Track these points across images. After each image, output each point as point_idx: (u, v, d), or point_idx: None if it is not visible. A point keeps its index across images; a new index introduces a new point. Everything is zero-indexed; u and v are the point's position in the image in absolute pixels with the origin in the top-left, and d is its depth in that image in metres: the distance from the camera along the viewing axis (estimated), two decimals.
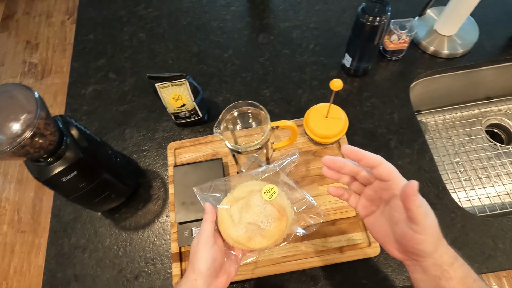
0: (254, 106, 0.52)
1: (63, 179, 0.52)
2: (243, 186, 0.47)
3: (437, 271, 0.35)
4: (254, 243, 0.44)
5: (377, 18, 0.61)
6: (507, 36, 0.79)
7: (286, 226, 0.45)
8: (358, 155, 0.37)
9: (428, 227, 0.33)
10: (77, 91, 0.81)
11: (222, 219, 0.45)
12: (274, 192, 0.45)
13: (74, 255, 0.64)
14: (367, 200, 0.40)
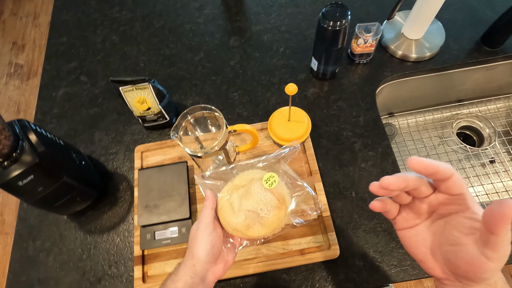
0: (209, 109, 0.52)
1: (20, 183, 0.52)
2: (244, 174, 0.48)
3: None
4: (253, 231, 0.45)
5: (338, 22, 0.62)
6: (473, 40, 0.80)
7: (284, 215, 0.46)
8: (431, 169, 0.29)
9: (505, 256, 0.27)
10: (48, 94, 0.81)
11: (222, 207, 0.45)
12: (274, 181, 0.45)
13: (38, 258, 0.64)
14: (414, 212, 0.34)
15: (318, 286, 0.58)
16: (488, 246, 0.27)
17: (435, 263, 0.32)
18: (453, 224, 0.31)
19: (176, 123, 0.52)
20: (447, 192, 0.30)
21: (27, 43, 2.14)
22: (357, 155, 0.69)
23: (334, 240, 0.59)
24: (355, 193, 0.65)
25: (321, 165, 0.68)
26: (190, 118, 0.53)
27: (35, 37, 2.15)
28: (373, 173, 0.67)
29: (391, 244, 0.60)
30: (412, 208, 0.34)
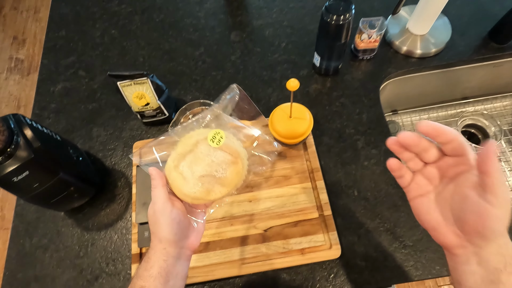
0: (208, 105, 0.51)
1: (15, 179, 0.51)
2: (185, 138, 0.43)
3: (500, 263, 0.30)
4: (214, 193, 0.42)
5: (341, 16, 0.60)
6: (480, 36, 0.78)
7: (242, 168, 0.43)
8: (439, 130, 0.32)
9: (504, 200, 0.29)
10: (46, 89, 0.80)
11: (173, 180, 0.41)
12: (221, 137, 0.41)
13: (35, 255, 0.63)
14: (425, 178, 0.36)
15: (319, 287, 0.57)
16: (486, 190, 0.30)
17: (447, 228, 0.33)
18: (460, 183, 0.33)
19: (175, 119, 0.51)
20: (454, 153, 0.33)
21: (27, 37, 2.12)
22: (360, 153, 0.67)
23: (336, 239, 0.58)
24: (358, 191, 0.64)
25: (323, 163, 0.66)
26: (188, 114, 0.51)
27: (36, 31, 2.14)
28: (376, 171, 0.65)
29: (394, 244, 0.59)
30: (424, 174, 0.36)
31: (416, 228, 0.60)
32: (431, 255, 0.58)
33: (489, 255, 0.31)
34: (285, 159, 0.66)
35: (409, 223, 0.61)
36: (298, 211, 0.61)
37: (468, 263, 0.32)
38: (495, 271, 0.30)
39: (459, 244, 0.32)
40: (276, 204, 0.62)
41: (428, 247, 0.58)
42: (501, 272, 0.30)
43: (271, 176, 0.65)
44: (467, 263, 0.32)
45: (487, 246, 0.31)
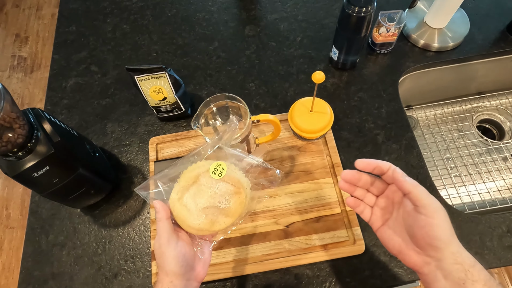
0: (233, 99, 0.50)
1: (35, 174, 0.50)
2: (188, 171, 0.43)
3: (460, 272, 0.33)
4: (219, 224, 0.42)
5: (363, 9, 0.59)
6: (498, 29, 0.77)
7: (245, 197, 0.43)
8: (372, 164, 0.38)
9: (437, 209, 0.34)
10: (58, 84, 0.79)
11: (178, 212, 0.42)
12: (222, 169, 0.42)
13: (51, 252, 0.62)
14: (381, 209, 0.41)
15: (343, 283, 0.56)
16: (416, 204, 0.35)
17: (408, 249, 0.37)
18: (404, 205, 0.38)
19: (198, 112, 0.50)
20: (391, 180, 0.38)
21: (30, 35, 2.10)
22: (380, 147, 0.66)
23: (359, 235, 0.57)
24: None
25: (343, 158, 0.65)
26: (212, 107, 0.50)
27: (38, 29, 2.12)
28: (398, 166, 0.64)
29: None
30: (378, 205, 0.41)
31: None
32: None
33: (449, 266, 0.33)
34: (305, 154, 0.65)
35: None
36: (320, 207, 0.61)
37: (436, 279, 0.34)
38: (460, 281, 0.33)
39: (423, 261, 0.36)
40: (297, 199, 0.61)
41: None
42: (464, 281, 0.33)
43: (291, 171, 0.64)
44: (436, 279, 0.34)
45: (443, 257, 0.34)
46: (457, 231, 0.57)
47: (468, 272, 0.33)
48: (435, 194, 0.61)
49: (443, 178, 0.83)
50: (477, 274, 0.33)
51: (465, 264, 0.33)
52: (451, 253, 0.34)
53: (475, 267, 0.33)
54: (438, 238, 0.34)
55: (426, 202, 0.34)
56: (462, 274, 0.33)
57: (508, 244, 0.57)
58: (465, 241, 0.57)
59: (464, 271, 0.33)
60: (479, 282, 0.32)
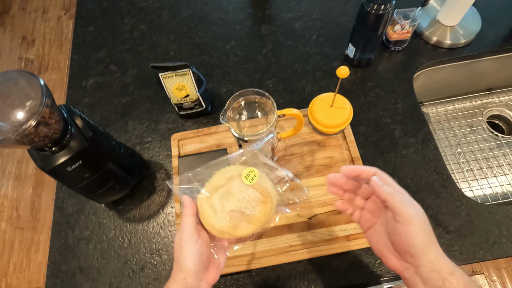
0: (261, 94, 0.52)
1: (68, 169, 0.51)
2: (221, 173, 0.44)
3: (438, 280, 0.34)
4: (241, 230, 0.42)
5: (382, 6, 0.61)
6: (509, 26, 0.79)
7: (271, 208, 0.43)
8: (356, 171, 0.40)
9: (412, 217, 0.34)
10: (78, 83, 0.80)
11: (203, 211, 0.42)
12: (254, 175, 0.43)
13: (78, 247, 0.64)
14: (369, 212, 0.42)
15: (365, 273, 0.58)
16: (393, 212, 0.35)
17: (390, 253, 0.38)
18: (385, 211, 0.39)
19: (226, 106, 0.51)
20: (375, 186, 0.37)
21: (36, 37, 2.12)
22: (398, 141, 0.68)
23: None
24: (398, 179, 0.64)
25: (361, 152, 0.67)
26: (241, 101, 0.52)
27: (45, 31, 2.13)
28: (415, 159, 0.66)
29: (437, 230, 0.60)
30: (367, 208, 0.42)
31: (458, 214, 0.61)
32: (475, 240, 0.59)
33: (426, 273, 0.34)
34: (324, 149, 0.67)
35: (451, 209, 0.61)
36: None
37: (416, 284, 0.35)
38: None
39: (402, 266, 0.36)
40: (318, 192, 0.63)
41: (472, 232, 0.59)
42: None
43: (312, 165, 0.66)
44: (416, 284, 0.35)
45: (420, 264, 0.34)
46: (474, 221, 0.59)
47: (445, 280, 0.33)
48: (451, 186, 0.63)
49: (455, 173, 0.85)
50: (455, 282, 0.33)
51: (442, 272, 0.33)
52: (428, 260, 0.34)
53: (454, 274, 0.34)
54: (413, 246, 0.34)
55: (401, 210, 0.35)
56: (440, 282, 0.33)
57: None
58: (483, 230, 0.59)
59: (442, 279, 0.33)
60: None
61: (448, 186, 0.63)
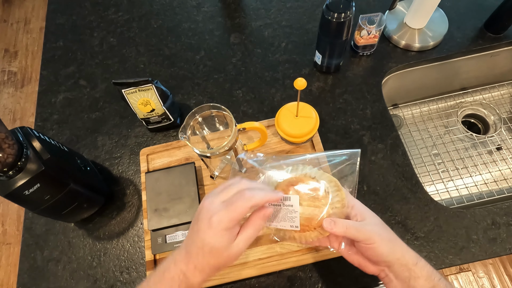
0: (218, 108, 0.51)
1: (26, 192, 0.50)
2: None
3: (405, 272, 0.39)
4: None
5: (342, 14, 0.61)
6: (476, 27, 0.79)
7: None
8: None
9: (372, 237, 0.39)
10: (47, 100, 0.80)
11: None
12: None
13: (47, 268, 0.63)
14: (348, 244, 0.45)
15: (335, 282, 0.58)
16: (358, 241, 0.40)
17: (366, 263, 0.42)
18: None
19: (184, 123, 0.51)
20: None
21: (19, 49, 2.10)
22: (366, 148, 0.68)
23: None
24: (367, 186, 0.64)
25: None
26: (198, 117, 0.52)
27: (27, 43, 2.12)
28: (384, 165, 0.66)
29: (406, 236, 0.60)
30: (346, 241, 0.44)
31: (426, 220, 0.61)
32: (443, 245, 0.59)
33: (397, 268, 0.39)
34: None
35: (419, 215, 0.61)
36: None
37: (390, 280, 0.41)
38: (406, 279, 0.39)
39: (378, 269, 0.42)
40: None
41: (440, 237, 0.59)
42: (409, 278, 0.39)
43: None
44: (390, 280, 0.41)
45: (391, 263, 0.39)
46: (442, 226, 0.59)
47: (411, 270, 0.39)
48: (420, 190, 0.63)
49: (431, 174, 0.85)
50: (419, 271, 0.39)
51: (408, 264, 0.39)
52: (396, 259, 0.39)
53: (418, 264, 0.39)
54: (381, 255, 0.39)
55: (360, 238, 0.39)
56: (407, 273, 0.39)
57: (493, 237, 0.58)
58: (451, 235, 0.59)
59: (408, 270, 0.39)
60: (421, 277, 0.38)
61: (416, 191, 0.63)
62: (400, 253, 0.40)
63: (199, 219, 0.37)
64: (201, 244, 0.36)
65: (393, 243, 0.40)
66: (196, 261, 0.37)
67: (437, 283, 0.39)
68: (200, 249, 0.36)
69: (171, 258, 0.39)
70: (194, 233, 0.37)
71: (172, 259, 0.39)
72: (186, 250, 0.38)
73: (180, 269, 0.37)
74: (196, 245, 0.36)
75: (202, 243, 0.36)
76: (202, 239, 0.36)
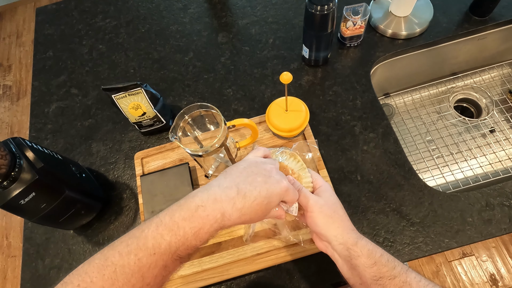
0: (206, 107, 0.52)
1: (22, 202, 0.51)
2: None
3: (344, 250, 0.42)
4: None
5: (325, 6, 0.61)
6: (461, 11, 0.79)
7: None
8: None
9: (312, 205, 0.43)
10: (40, 110, 0.80)
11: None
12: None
13: (49, 276, 0.64)
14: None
15: (334, 271, 0.58)
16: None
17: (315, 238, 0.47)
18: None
19: (174, 124, 0.51)
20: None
21: (13, 63, 2.11)
22: (358, 138, 0.68)
23: None
24: (360, 176, 0.65)
25: (323, 152, 0.67)
26: (187, 118, 0.52)
27: (20, 56, 2.13)
28: (376, 154, 0.66)
29: (402, 223, 0.60)
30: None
31: (421, 205, 0.61)
32: (439, 229, 0.59)
33: (336, 247, 0.43)
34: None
35: (413, 201, 0.62)
36: None
37: (335, 258, 0.44)
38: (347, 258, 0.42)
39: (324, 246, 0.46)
40: None
41: (435, 222, 0.60)
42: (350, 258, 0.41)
43: None
44: (336, 259, 0.44)
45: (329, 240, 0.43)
46: (437, 210, 0.60)
47: (350, 249, 0.41)
48: (413, 177, 0.63)
49: (426, 161, 0.85)
50: (359, 250, 0.41)
51: (347, 244, 0.41)
52: (333, 236, 0.42)
53: (358, 244, 0.41)
54: (317, 225, 0.43)
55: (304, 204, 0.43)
56: (346, 252, 0.41)
57: (488, 218, 0.59)
58: (446, 219, 0.59)
59: (347, 249, 0.41)
60: (361, 256, 0.40)
61: (410, 177, 0.64)
62: (337, 231, 0.43)
63: (264, 173, 0.38)
64: (266, 193, 0.37)
65: (332, 220, 0.43)
66: (249, 205, 0.36)
67: (379, 259, 0.40)
68: (261, 197, 0.36)
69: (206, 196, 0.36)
70: (256, 181, 0.37)
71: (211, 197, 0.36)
72: (238, 190, 0.36)
73: (220, 207, 0.35)
74: (259, 191, 0.36)
75: (267, 193, 0.37)
76: (270, 190, 0.37)
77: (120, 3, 0.93)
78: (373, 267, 0.40)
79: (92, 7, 0.94)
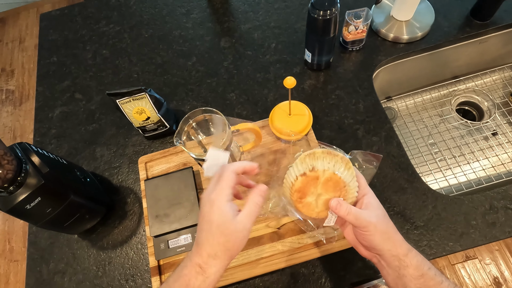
0: (210, 112, 0.52)
1: (27, 207, 0.51)
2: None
3: (395, 261, 0.42)
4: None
5: (328, 11, 0.61)
6: (462, 15, 0.80)
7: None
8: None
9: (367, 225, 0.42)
10: (44, 115, 0.81)
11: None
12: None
13: (53, 280, 0.64)
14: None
15: (337, 276, 0.58)
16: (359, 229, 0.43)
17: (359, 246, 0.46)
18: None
19: (178, 128, 0.52)
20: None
21: (15, 68, 2.12)
22: (361, 141, 0.69)
23: None
24: None
25: None
26: (192, 122, 0.52)
27: (23, 61, 2.14)
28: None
29: (406, 226, 0.60)
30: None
31: (425, 208, 0.61)
32: (443, 233, 0.59)
33: (387, 258, 0.42)
34: (290, 156, 0.67)
35: (417, 204, 0.62)
36: None
37: (383, 267, 0.44)
38: (396, 268, 0.41)
39: (370, 255, 0.45)
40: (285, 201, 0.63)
41: (439, 225, 0.60)
42: (399, 268, 0.41)
43: (278, 174, 0.66)
44: (382, 267, 0.44)
45: (382, 253, 0.42)
46: (441, 213, 0.60)
47: (401, 260, 0.41)
48: (416, 180, 0.63)
49: (429, 164, 0.85)
50: (409, 261, 0.41)
51: (399, 255, 0.41)
52: (387, 250, 0.42)
53: (408, 255, 0.41)
54: (374, 244, 0.42)
55: (358, 224, 0.42)
56: (397, 262, 0.41)
57: (492, 221, 0.59)
58: (450, 222, 0.59)
59: (399, 260, 0.41)
60: (410, 266, 0.41)
61: (413, 181, 0.64)
62: (392, 245, 0.42)
63: (202, 209, 0.40)
64: (209, 225, 0.38)
65: (387, 236, 0.42)
66: (207, 247, 0.38)
67: (427, 271, 0.41)
68: (208, 232, 0.38)
69: (187, 257, 0.40)
70: (201, 223, 0.39)
71: (188, 257, 0.39)
72: (197, 242, 0.39)
73: (195, 263, 0.37)
74: (205, 229, 0.38)
75: (209, 224, 0.38)
76: (209, 220, 0.38)
77: (123, 9, 0.94)
78: (420, 279, 0.40)
79: (95, 13, 0.95)
